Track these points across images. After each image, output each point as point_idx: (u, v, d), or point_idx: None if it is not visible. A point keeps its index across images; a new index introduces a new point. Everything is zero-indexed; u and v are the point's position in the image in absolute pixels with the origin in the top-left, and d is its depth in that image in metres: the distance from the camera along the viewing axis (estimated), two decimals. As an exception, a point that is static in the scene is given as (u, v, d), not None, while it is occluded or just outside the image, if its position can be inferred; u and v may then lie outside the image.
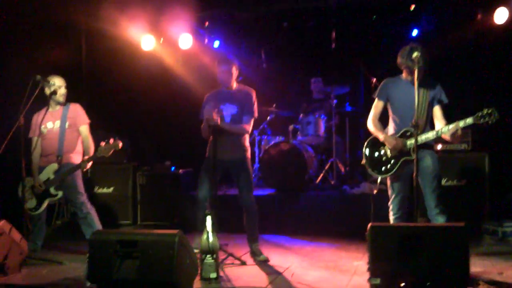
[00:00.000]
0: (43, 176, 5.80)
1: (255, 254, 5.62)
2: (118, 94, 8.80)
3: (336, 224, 6.95)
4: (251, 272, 5.13)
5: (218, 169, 5.50)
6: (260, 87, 8.93)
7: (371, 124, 5.18)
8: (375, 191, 5.21)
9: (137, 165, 7.87)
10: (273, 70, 9.37)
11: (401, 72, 5.11)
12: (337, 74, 8.96)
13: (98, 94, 8.65)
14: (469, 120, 4.66)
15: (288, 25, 8.70)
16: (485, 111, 4.58)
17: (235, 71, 5.64)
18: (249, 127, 5.63)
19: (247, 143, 5.68)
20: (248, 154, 5.68)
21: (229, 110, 5.58)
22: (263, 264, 5.44)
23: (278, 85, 9.48)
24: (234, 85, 5.71)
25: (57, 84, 5.84)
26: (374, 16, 8.39)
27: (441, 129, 4.83)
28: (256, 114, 5.65)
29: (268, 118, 8.70)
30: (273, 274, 5.05)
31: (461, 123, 4.69)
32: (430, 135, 4.86)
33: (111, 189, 7.72)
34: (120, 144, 5.66)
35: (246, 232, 5.71)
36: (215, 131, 5.39)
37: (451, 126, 4.74)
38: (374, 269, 4.17)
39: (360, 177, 8.16)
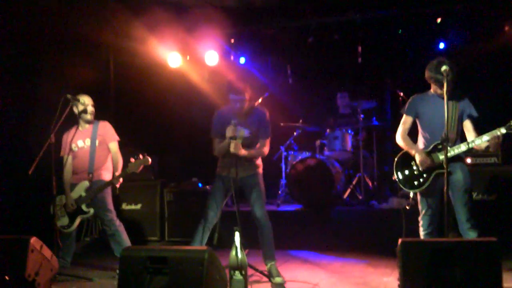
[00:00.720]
0: (75, 194, 5.87)
1: (271, 274, 5.38)
2: (146, 111, 8.91)
3: (365, 240, 6.90)
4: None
5: (228, 187, 5.49)
6: (286, 102, 8.94)
7: (400, 139, 5.14)
8: (407, 206, 5.14)
9: (165, 181, 7.92)
10: (299, 85, 9.40)
11: (428, 87, 5.08)
12: (364, 89, 8.95)
13: (126, 111, 8.76)
14: (502, 130, 4.62)
15: (314, 40, 8.70)
16: None
17: (248, 98, 5.44)
18: (267, 149, 5.55)
19: (259, 160, 5.62)
20: (260, 170, 5.61)
21: (249, 132, 5.57)
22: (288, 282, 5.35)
23: (304, 101, 9.50)
24: (255, 106, 5.64)
25: (86, 102, 5.93)
26: (400, 30, 8.37)
27: (473, 141, 4.77)
28: (270, 134, 5.55)
29: (295, 133, 8.69)
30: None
31: (497, 132, 4.64)
32: (462, 147, 4.80)
33: (139, 206, 7.77)
34: (150, 160, 5.72)
35: (261, 250, 5.53)
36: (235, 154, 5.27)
37: (484, 137, 4.68)
38: (404, 285, 4.11)
39: (388, 192, 8.10)
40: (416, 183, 5.00)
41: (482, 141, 4.71)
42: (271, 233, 5.49)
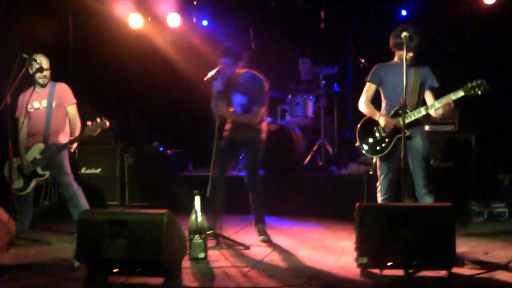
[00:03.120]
0: (30, 156, 5.76)
1: (258, 234, 5.63)
2: (106, 73, 8.74)
3: (324, 205, 6.99)
4: (239, 252, 5.14)
5: (233, 149, 5.67)
6: (249, 67, 8.89)
7: (363, 106, 5.17)
8: (370, 172, 5.21)
9: (125, 145, 7.83)
10: (262, 50, 9.33)
11: (388, 55, 5.11)
12: (326, 55, 8.94)
13: (85, 72, 8.58)
14: (460, 92, 4.72)
15: (277, 4, 8.64)
16: (474, 82, 4.67)
17: (237, 61, 5.51)
18: (257, 117, 5.57)
19: (262, 126, 5.68)
20: (262, 136, 5.67)
21: (238, 100, 5.57)
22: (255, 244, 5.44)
23: (266, 66, 9.41)
24: (244, 72, 5.65)
25: (41, 62, 5.76)
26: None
27: (432, 104, 4.85)
28: (265, 104, 5.61)
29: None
30: (261, 254, 5.06)
31: (453, 96, 4.75)
32: (421, 111, 4.88)
33: (98, 170, 7.68)
34: (107, 123, 5.63)
35: (252, 212, 5.72)
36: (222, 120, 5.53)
37: (443, 99, 4.77)
38: (361, 249, 4.20)
39: (348, 158, 8.19)
40: (378, 148, 5.07)
41: (437, 105, 4.80)
42: (261, 197, 5.67)
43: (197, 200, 4.85)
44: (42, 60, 5.77)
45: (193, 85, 7.99)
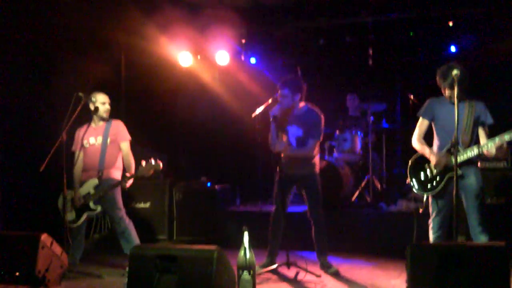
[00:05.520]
0: (84, 190, 5.89)
1: (325, 266, 5.71)
2: (156, 110, 8.93)
3: (373, 242, 6.89)
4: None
5: (289, 184, 5.71)
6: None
7: (416, 142, 5.13)
8: (420, 210, 5.13)
9: (173, 180, 7.93)
10: (309, 87, 9.38)
11: (438, 91, 5.07)
12: (374, 91, 8.93)
13: (136, 110, 8.78)
14: (506, 137, 4.63)
15: (325, 41, 8.71)
16: None
17: (295, 93, 5.63)
18: (312, 151, 5.66)
19: (316, 159, 5.75)
20: (317, 169, 5.75)
21: (294, 132, 5.63)
22: (314, 279, 5.44)
23: (314, 102, 9.47)
24: (302, 105, 5.72)
25: (100, 100, 5.95)
26: (412, 33, 8.35)
27: (485, 144, 4.77)
28: (321, 138, 5.68)
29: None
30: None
31: (506, 136, 4.65)
32: (474, 150, 4.80)
33: (148, 204, 7.79)
34: (161, 165, 5.72)
35: (315, 246, 5.81)
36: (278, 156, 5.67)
37: (496, 140, 4.68)
38: (412, 288, 4.12)
39: (397, 194, 8.08)
40: (429, 186, 5.00)
41: (493, 145, 4.70)
42: (325, 230, 5.80)
43: (246, 235, 4.86)
44: (101, 97, 5.96)
45: (241, 121, 8.11)
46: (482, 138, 4.93)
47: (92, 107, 5.94)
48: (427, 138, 5.16)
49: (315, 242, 5.77)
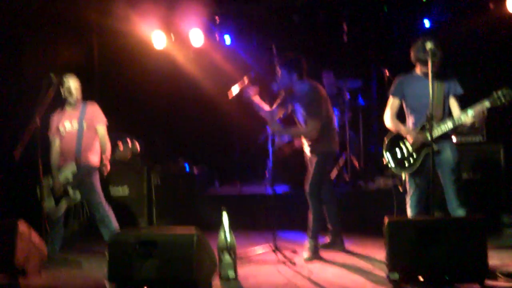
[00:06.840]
0: (62, 177, 5.79)
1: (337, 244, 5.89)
2: (130, 92, 8.83)
3: (352, 220, 6.91)
4: (268, 270, 5.13)
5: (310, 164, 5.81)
6: (272, 82, 8.90)
7: (389, 121, 5.13)
8: (400, 187, 5.16)
9: (151, 165, 7.84)
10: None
11: (413, 66, 5.07)
12: (349, 68, 8.91)
13: (109, 92, 8.68)
14: (486, 103, 4.62)
15: (299, 18, 8.65)
16: (500, 91, 4.58)
17: (292, 72, 5.64)
18: (307, 129, 5.61)
19: (319, 140, 5.66)
20: (320, 150, 5.70)
21: (299, 111, 5.65)
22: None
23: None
24: (301, 83, 5.68)
25: (72, 82, 5.83)
26: (386, 8, 8.34)
27: (461, 115, 4.77)
28: (313, 114, 5.56)
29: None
30: (290, 271, 5.05)
31: (486, 103, 4.62)
32: (448, 124, 4.81)
33: (126, 189, 7.70)
34: (138, 148, 5.64)
35: (329, 225, 5.92)
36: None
37: (477, 106, 4.65)
38: (392, 264, 4.17)
39: (375, 172, 8.12)
40: (406, 164, 5.01)
41: (468, 116, 4.71)
42: (334, 209, 5.91)
43: (225, 216, 4.85)
44: (71, 80, 5.84)
45: (217, 101, 8.07)
46: (454, 109, 4.93)
47: (64, 90, 5.81)
48: (398, 117, 5.17)
49: (329, 221, 5.91)
